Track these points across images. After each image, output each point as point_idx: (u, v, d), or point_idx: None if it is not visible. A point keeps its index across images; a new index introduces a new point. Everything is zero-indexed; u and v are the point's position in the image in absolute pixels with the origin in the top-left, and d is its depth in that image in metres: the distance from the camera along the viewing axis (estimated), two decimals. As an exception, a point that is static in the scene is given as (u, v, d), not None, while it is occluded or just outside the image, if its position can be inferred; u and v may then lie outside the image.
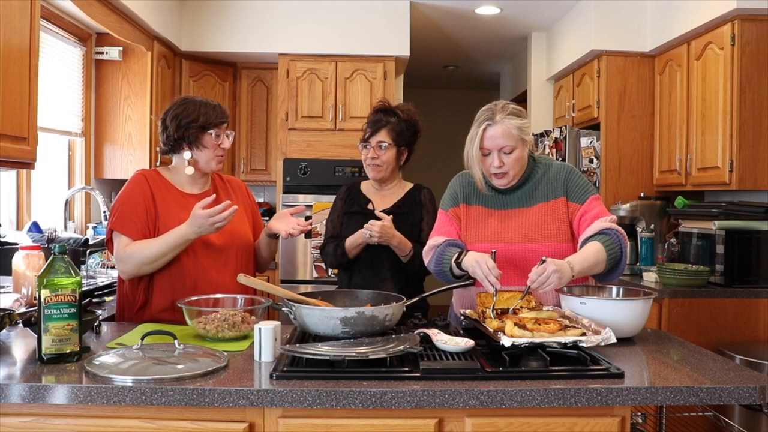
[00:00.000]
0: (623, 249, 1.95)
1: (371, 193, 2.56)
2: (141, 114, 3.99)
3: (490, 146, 1.98)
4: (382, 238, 2.32)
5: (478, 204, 2.12)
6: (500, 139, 1.97)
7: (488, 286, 1.83)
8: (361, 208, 2.52)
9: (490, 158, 2.00)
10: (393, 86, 4.48)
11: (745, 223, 3.25)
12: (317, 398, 1.38)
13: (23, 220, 3.27)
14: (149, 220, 2.06)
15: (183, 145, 2.12)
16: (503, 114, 1.97)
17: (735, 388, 1.44)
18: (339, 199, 2.60)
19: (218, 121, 2.12)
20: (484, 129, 1.97)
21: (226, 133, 2.16)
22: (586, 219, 2.02)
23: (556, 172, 2.10)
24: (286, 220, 2.16)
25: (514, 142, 1.98)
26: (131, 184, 2.11)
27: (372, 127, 2.47)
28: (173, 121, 2.11)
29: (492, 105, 2.03)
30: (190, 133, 2.10)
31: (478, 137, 1.98)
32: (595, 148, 4.24)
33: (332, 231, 2.56)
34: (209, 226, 1.94)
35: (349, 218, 2.53)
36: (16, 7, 2.38)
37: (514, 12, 4.71)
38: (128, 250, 2.02)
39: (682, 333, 3.05)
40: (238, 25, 4.44)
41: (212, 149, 2.12)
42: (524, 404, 1.40)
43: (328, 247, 2.52)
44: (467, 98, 7.90)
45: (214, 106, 2.14)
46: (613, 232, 1.95)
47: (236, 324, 1.79)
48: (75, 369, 1.51)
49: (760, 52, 3.30)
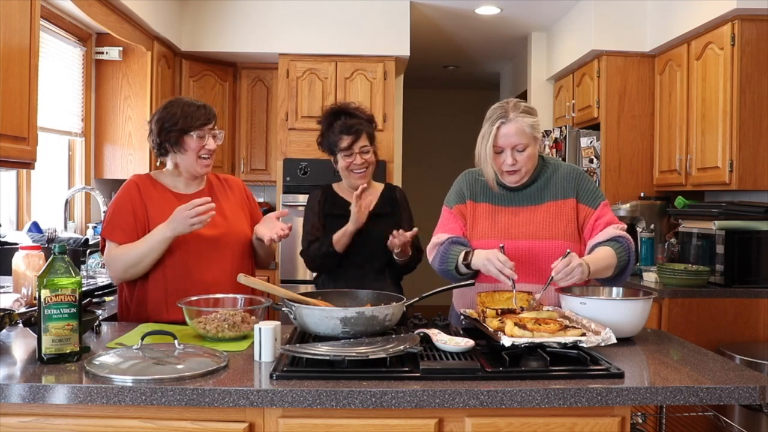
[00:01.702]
0: (631, 257, 2.01)
1: (348, 196, 2.55)
2: (141, 114, 3.99)
3: (503, 144, 2.00)
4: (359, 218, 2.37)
5: (485, 201, 2.14)
6: (514, 137, 1.99)
7: (505, 280, 1.84)
8: (344, 210, 2.51)
9: (503, 156, 2.02)
10: (393, 86, 4.48)
11: (745, 223, 3.25)
12: (317, 398, 1.38)
13: (23, 220, 3.27)
14: (138, 225, 2.06)
15: (167, 147, 2.12)
16: (516, 112, 1.99)
17: (735, 388, 1.44)
18: (317, 203, 2.58)
19: (200, 123, 2.10)
20: (498, 127, 1.99)
21: (213, 134, 2.14)
22: (599, 224, 2.06)
23: (566, 173, 2.13)
24: (270, 225, 2.17)
25: (527, 139, 2.01)
26: (121, 191, 2.13)
27: (350, 133, 2.47)
28: (156, 125, 2.12)
29: (504, 103, 2.05)
30: (171, 137, 2.09)
31: (492, 135, 2.00)
32: (595, 148, 4.24)
33: (314, 233, 2.54)
34: (184, 221, 1.93)
35: (333, 221, 2.52)
36: (16, 7, 2.38)
37: (514, 12, 4.71)
38: (112, 254, 2.05)
39: (682, 333, 3.05)
40: (238, 25, 4.44)
41: (194, 151, 2.10)
42: (524, 404, 1.40)
43: (314, 247, 2.51)
44: (467, 98, 7.90)
45: (198, 107, 2.12)
46: (623, 240, 2.01)
47: (236, 324, 1.79)
48: (75, 369, 1.51)
49: (760, 52, 3.30)
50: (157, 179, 2.17)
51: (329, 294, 1.98)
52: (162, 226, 1.99)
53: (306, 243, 2.55)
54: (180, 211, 1.95)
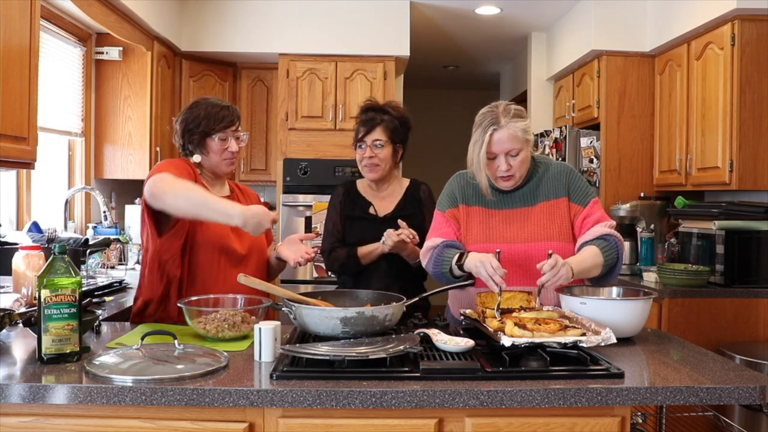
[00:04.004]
0: (619, 255, 1.99)
1: (370, 195, 2.52)
2: (141, 114, 3.99)
3: (497, 150, 1.98)
4: (395, 248, 2.30)
5: (478, 205, 2.12)
6: (507, 143, 1.97)
7: (493, 286, 1.83)
8: (364, 212, 2.48)
9: (497, 162, 2.00)
10: (393, 86, 4.48)
11: (745, 223, 3.25)
12: (317, 398, 1.38)
13: (23, 220, 3.27)
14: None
15: (190, 149, 2.12)
16: (507, 117, 1.97)
17: (735, 388, 1.44)
18: (338, 201, 2.54)
19: (224, 125, 2.09)
20: (491, 134, 1.97)
21: (236, 135, 2.13)
22: (588, 222, 2.04)
23: (556, 172, 2.11)
24: (295, 247, 2.14)
25: (520, 144, 1.99)
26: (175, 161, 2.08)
27: (366, 125, 2.44)
28: (180, 125, 2.12)
29: (493, 107, 2.01)
30: (194, 139, 2.09)
31: (485, 142, 1.97)
32: (595, 148, 4.24)
33: (336, 235, 2.49)
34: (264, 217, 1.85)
35: (351, 223, 2.49)
36: (16, 7, 2.38)
37: (514, 12, 4.71)
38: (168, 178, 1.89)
39: (682, 333, 3.05)
40: (238, 25, 4.44)
41: (218, 153, 2.10)
42: (524, 404, 1.40)
43: (338, 253, 2.45)
44: (467, 98, 7.89)
45: (222, 107, 2.11)
46: (611, 238, 1.99)
47: (236, 324, 1.79)
48: (75, 369, 1.51)
49: (760, 52, 3.30)
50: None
51: (329, 294, 1.98)
52: (238, 206, 1.87)
53: (329, 244, 2.49)
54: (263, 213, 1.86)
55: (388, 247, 2.30)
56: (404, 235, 2.26)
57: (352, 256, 2.41)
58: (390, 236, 2.27)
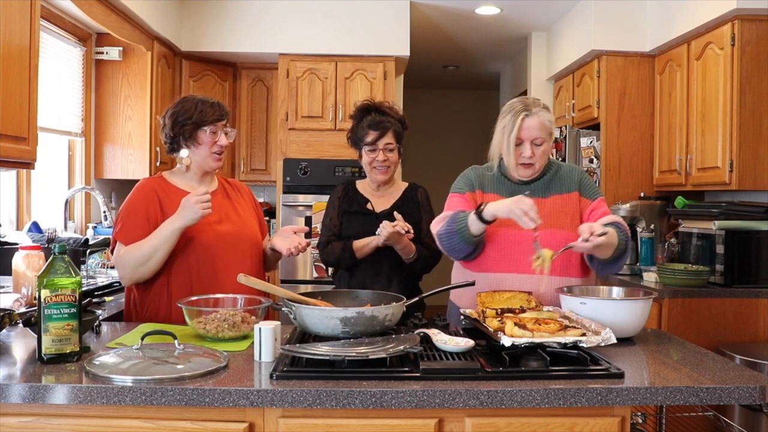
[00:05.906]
0: (628, 243, 2.04)
1: (369, 194, 2.60)
2: (141, 114, 3.99)
3: (525, 136, 2.04)
4: (390, 240, 2.34)
5: (493, 193, 2.16)
6: (536, 130, 2.04)
7: (527, 222, 1.85)
8: (361, 207, 2.56)
9: (522, 148, 2.06)
10: (393, 86, 4.48)
11: (745, 223, 3.25)
12: (317, 398, 1.38)
13: (23, 220, 3.27)
14: (151, 228, 2.05)
15: (180, 142, 2.14)
16: (538, 107, 2.06)
17: (735, 388, 1.44)
18: (337, 198, 2.61)
19: (214, 119, 2.13)
20: (522, 119, 2.03)
21: (225, 131, 2.16)
22: (595, 214, 2.11)
23: (569, 170, 2.20)
24: (288, 238, 2.18)
25: (546, 134, 2.06)
26: (135, 193, 2.13)
27: (378, 129, 2.50)
28: (170, 119, 2.14)
29: (523, 98, 2.11)
30: (185, 130, 2.12)
31: (516, 126, 2.03)
32: (595, 148, 4.24)
33: (333, 229, 2.57)
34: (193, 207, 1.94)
35: (348, 217, 2.55)
36: (16, 7, 2.38)
37: (514, 12, 4.71)
38: (122, 253, 2.04)
39: (682, 333, 3.05)
40: (237, 25, 4.44)
41: (208, 146, 2.14)
42: (524, 404, 1.40)
43: (333, 246, 2.52)
44: (467, 98, 7.90)
45: (212, 103, 2.16)
46: (622, 226, 2.05)
47: (236, 324, 1.79)
48: (75, 369, 1.51)
49: (760, 52, 3.30)
50: (169, 181, 2.18)
51: (329, 294, 1.98)
52: (171, 218, 2.00)
53: (325, 238, 2.57)
54: (187, 198, 1.97)
55: (383, 237, 2.34)
56: (399, 226, 2.31)
57: (348, 249, 2.47)
58: (385, 227, 2.32)
